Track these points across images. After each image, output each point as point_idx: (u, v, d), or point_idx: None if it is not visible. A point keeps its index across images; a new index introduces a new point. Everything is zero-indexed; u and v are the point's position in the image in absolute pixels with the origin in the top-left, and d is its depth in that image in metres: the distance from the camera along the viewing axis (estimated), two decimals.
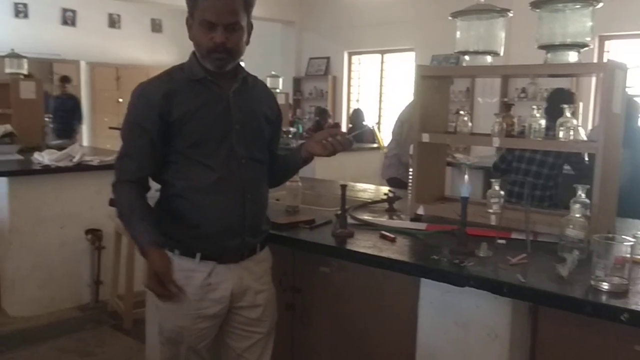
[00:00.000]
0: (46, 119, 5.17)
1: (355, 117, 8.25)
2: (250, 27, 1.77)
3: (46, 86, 6.68)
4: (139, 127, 1.73)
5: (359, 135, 7.61)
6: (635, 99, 4.27)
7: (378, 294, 1.99)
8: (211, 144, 1.74)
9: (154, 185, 1.83)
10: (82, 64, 10.42)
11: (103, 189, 3.79)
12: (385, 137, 8.80)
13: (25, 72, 5.06)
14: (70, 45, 9.99)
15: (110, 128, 9.25)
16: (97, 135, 10.51)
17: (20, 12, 9.60)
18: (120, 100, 10.74)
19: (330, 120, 7.99)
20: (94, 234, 3.89)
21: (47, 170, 3.74)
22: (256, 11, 1.80)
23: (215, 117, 1.75)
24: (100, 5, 10.07)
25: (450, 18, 2.27)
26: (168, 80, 1.76)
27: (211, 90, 1.77)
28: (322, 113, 8.10)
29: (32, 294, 3.71)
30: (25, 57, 5.09)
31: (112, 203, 2.68)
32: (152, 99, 1.73)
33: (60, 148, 4.14)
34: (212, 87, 1.77)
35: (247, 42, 1.78)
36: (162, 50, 10.86)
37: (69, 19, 10.17)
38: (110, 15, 10.63)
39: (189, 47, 1.80)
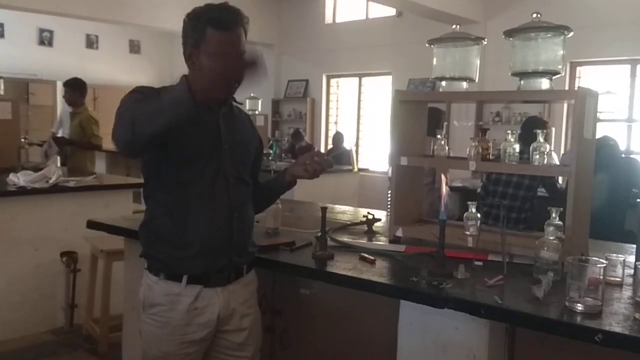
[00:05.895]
0: (22, 140, 5.10)
1: (337, 139, 8.38)
2: None
3: (21, 107, 6.60)
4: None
5: (338, 157, 7.59)
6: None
7: (358, 315, 2.00)
8: (201, 161, 1.75)
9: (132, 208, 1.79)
10: (59, 85, 10.30)
11: (79, 210, 3.78)
12: (362, 159, 8.91)
13: (1, 92, 5.00)
14: (47, 66, 9.90)
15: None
16: None
17: None
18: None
19: (303, 142, 8.11)
20: (70, 257, 3.84)
21: (22, 191, 3.69)
22: None
23: (206, 134, 1.77)
24: (77, 26, 10.01)
25: (427, 45, 2.33)
26: (157, 92, 1.74)
27: (201, 110, 1.78)
28: (295, 135, 8.54)
29: (5, 317, 3.63)
30: (1, 77, 5.04)
31: (88, 226, 2.68)
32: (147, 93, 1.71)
33: (36, 169, 4.10)
34: (201, 107, 1.78)
35: None
36: (140, 71, 10.81)
37: (45, 39, 10.09)
38: (88, 36, 10.58)
39: (167, 68, 1.81)
